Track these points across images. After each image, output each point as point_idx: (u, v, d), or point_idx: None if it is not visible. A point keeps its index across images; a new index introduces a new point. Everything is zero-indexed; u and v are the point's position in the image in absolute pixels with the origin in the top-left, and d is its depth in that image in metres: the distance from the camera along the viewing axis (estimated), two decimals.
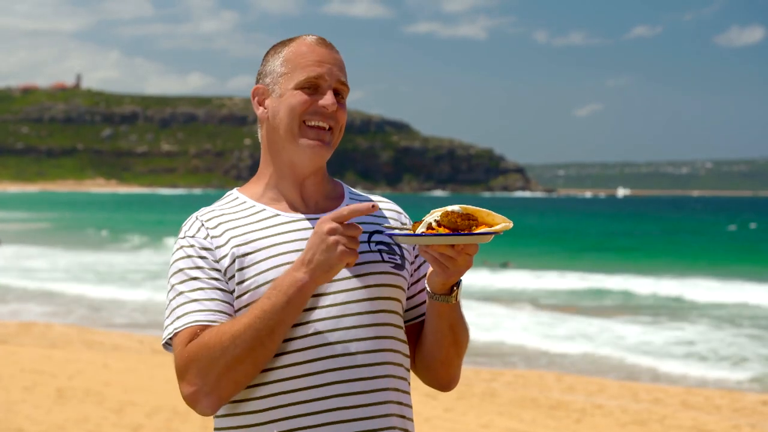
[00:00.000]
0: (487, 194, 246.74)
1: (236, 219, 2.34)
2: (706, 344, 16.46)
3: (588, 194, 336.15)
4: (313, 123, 2.33)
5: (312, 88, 2.34)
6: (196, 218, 2.36)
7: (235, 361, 2.16)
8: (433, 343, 2.38)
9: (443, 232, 2.15)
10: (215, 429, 2.34)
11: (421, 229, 2.19)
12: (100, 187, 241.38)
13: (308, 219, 2.34)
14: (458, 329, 2.36)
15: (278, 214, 2.34)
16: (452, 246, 2.16)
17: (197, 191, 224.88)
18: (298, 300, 2.17)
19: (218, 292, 2.26)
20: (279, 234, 2.30)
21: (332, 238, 2.13)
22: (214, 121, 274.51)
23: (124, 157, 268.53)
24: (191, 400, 2.20)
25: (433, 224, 2.18)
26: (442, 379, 2.44)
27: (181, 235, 2.34)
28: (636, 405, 10.82)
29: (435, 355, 2.39)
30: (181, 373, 2.20)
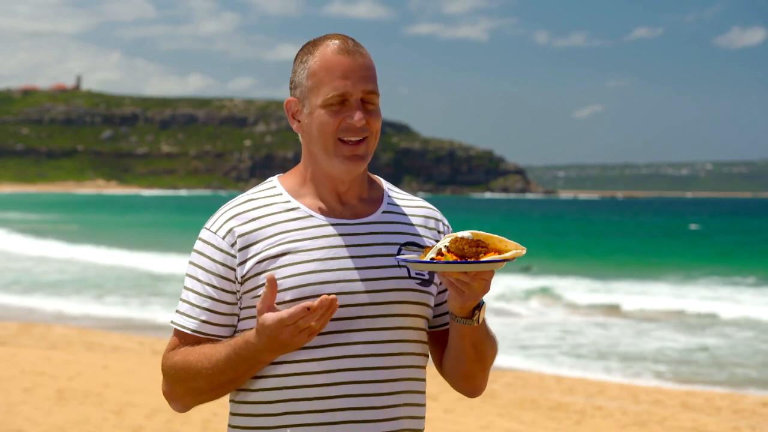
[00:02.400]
0: (477, 195, 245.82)
1: (269, 215, 2.36)
2: (704, 348, 16.47)
3: (582, 196, 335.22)
4: (346, 138, 2.32)
5: (339, 104, 2.32)
6: (226, 212, 2.38)
7: (197, 391, 2.31)
8: (455, 359, 2.40)
9: (451, 259, 2.17)
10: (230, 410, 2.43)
11: (431, 255, 2.20)
12: (100, 188, 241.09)
13: (341, 224, 2.36)
14: (482, 346, 2.37)
15: (312, 215, 2.36)
16: (465, 272, 2.18)
17: (183, 192, 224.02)
18: (262, 366, 2.27)
19: (209, 301, 2.34)
20: (309, 239, 2.33)
21: (284, 335, 2.16)
22: (214, 123, 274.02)
23: (124, 159, 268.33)
24: (165, 399, 2.37)
25: (443, 250, 2.19)
26: (466, 389, 2.48)
27: (207, 224, 2.39)
28: (636, 406, 10.82)
29: (457, 369, 2.42)
30: (162, 374, 2.38)
